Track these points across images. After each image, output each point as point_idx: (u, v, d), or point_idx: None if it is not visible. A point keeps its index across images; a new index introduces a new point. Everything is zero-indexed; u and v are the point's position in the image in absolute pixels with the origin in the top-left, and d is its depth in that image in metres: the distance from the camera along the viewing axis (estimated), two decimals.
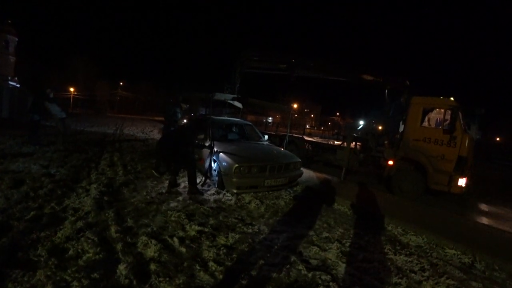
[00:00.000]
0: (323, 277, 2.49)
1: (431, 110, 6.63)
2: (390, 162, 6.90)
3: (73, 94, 49.39)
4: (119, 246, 2.62)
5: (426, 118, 6.67)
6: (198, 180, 5.23)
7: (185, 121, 8.43)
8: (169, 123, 5.55)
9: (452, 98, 6.42)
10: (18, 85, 33.98)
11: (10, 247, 2.42)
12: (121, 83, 60.13)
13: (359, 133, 8.80)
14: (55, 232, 2.76)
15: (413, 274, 2.83)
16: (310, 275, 2.50)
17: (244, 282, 2.31)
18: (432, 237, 3.90)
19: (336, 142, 10.46)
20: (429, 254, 3.44)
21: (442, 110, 6.40)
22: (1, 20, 38.45)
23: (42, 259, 2.31)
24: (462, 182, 6.00)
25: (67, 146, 7.73)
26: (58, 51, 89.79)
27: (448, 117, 6.23)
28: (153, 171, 5.65)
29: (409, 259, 3.13)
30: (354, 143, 8.52)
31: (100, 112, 45.03)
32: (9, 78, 37.47)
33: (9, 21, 39.20)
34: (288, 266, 2.62)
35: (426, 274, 2.85)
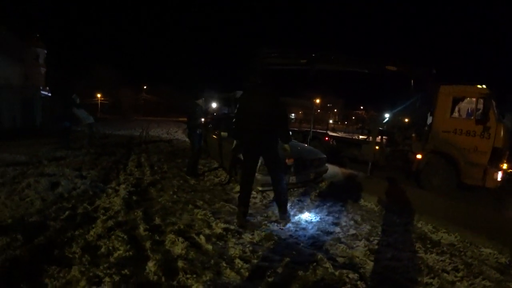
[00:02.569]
0: (350, 275, 2.42)
1: (462, 99, 6.31)
2: (419, 156, 6.64)
3: (100, 99, 51.57)
4: (147, 244, 2.69)
5: (456, 108, 6.36)
6: (223, 178, 5.29)
7: (202, 120, 8.51)
8: (192, 124, 5.63)
9: (484, 86, 6.06)
10: (49, 94, 35.92)
11: (47, 245, 2.56)
12: (144, 87, 62.11)
13: (384, 126, 8.54)
14: (88, 230, 2.90)
15: (445, 274, 2.67)
16: (337, 273, 2.45)
17: (270, 279, 2.30)
18: (466, 235, 3.66)
19: (361, 137, 10.20)
20: (462, 253, 3.23)
21: (474, 99, 6.07)
22: (30, 34, 40.77)
23: (76, 256, 2.42)
24: (497, 175, 5.67)
25: (96, 149, 8.09)
26: (83, 60, 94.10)
27: (480, 106, 5.90)
28: (187, 176, 5.57)
29: (441, 258, 2.97)
30: (379, 137, 8.27)
31: (126, 115, 46.65)
32: (41, 88, 39.72)
33: (38, 35, 41.63)
34: (314, 263, 2.57)
35: (460, 274, 2.68)
